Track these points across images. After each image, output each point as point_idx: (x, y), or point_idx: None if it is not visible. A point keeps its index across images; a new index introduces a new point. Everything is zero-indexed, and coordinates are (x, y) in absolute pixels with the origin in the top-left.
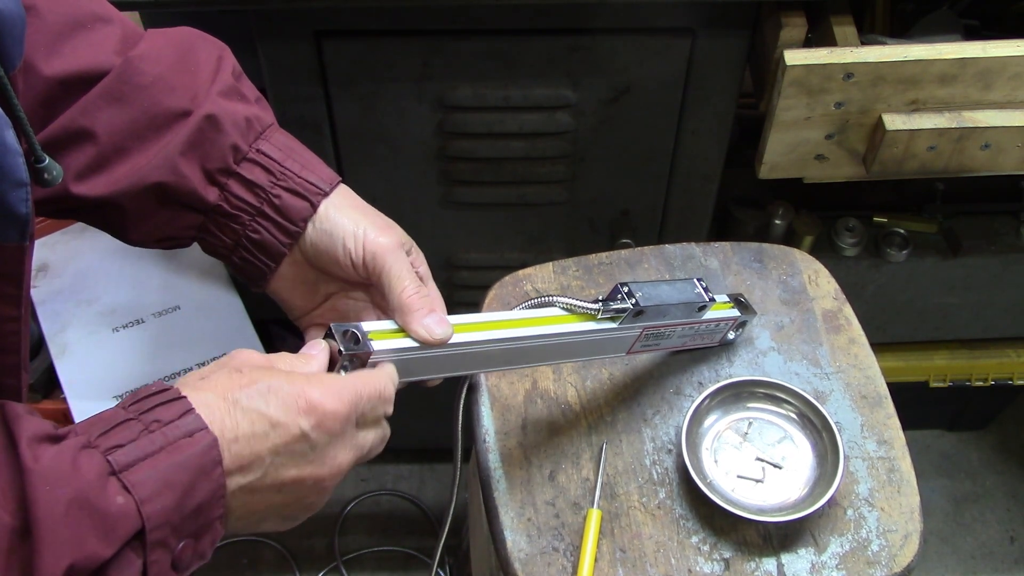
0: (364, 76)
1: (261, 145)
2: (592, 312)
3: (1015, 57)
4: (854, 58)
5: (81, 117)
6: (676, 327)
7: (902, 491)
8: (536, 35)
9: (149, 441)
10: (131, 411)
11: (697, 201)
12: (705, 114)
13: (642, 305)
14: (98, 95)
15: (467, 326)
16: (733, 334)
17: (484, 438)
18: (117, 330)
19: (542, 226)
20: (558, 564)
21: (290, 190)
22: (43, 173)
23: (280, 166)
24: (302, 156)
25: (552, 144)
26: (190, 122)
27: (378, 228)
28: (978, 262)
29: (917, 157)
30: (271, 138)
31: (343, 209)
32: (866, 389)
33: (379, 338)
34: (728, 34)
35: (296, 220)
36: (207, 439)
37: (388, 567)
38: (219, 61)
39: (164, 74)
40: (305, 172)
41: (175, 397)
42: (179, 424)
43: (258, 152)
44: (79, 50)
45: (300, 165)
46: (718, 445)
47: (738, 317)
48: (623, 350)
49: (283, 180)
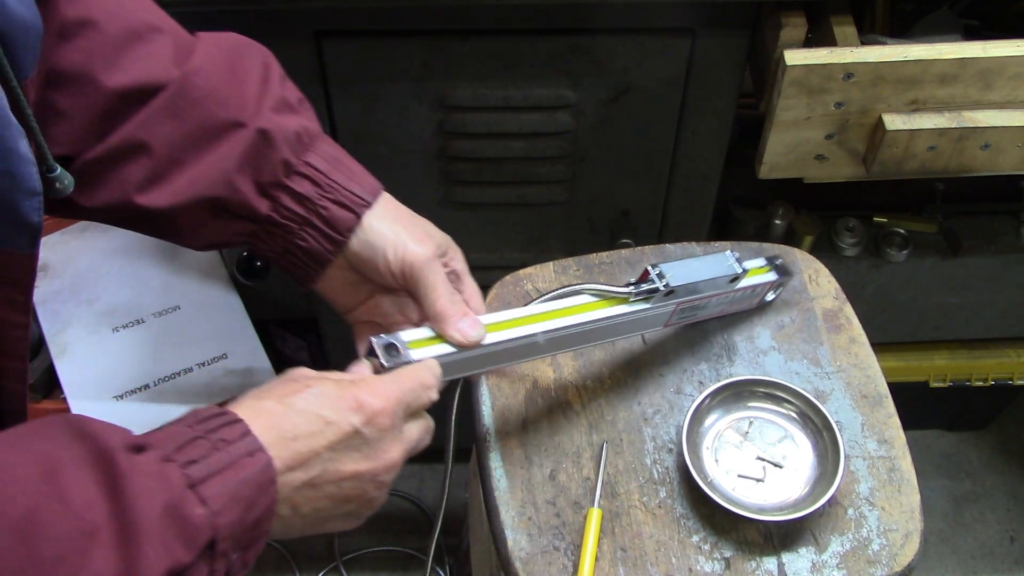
0: (364, 76)
1: (309, 157)
2: (624, 296)
3: (1015, 57)
4: (854, 58)
5: (139, 131)
6: (711, 298)
7: (902, 490)
8: (536, 35)
9: (218, 458)
10: (198, 430)
11: (697, 201)
12: (705, 114)
13: (673, 286)
14: (157, 110)
15: (504, 323)
16: (772, 295)
17: (484, 437)
18: (117, 330)
19: (542, 226)
20: (559, 563)
21: (336, 202)
22: (55, 183)
23: (327, 178)
24: (347, 166)
25: (552, 144)
26: (244, 137)
27: (416, 239)
28: (978, 262)
29: (917, 157)
30: (318, 149)
31: (384, 220)
32: (866, 388)
33: (418, 346)
34: (728, 34)
35: (341, 230)
36: (265, 459)
37: (388, 567)
38: (266, 70)
39: (217, 87)
40: (351, 184)
41: (235, 420)
42: (241, 444)
43: (306, 165)
44: (137, 63)
45: (346, 176)
46: (719, 444)
47: (775, 280)
48: (660, 324)
49: (330, 192)
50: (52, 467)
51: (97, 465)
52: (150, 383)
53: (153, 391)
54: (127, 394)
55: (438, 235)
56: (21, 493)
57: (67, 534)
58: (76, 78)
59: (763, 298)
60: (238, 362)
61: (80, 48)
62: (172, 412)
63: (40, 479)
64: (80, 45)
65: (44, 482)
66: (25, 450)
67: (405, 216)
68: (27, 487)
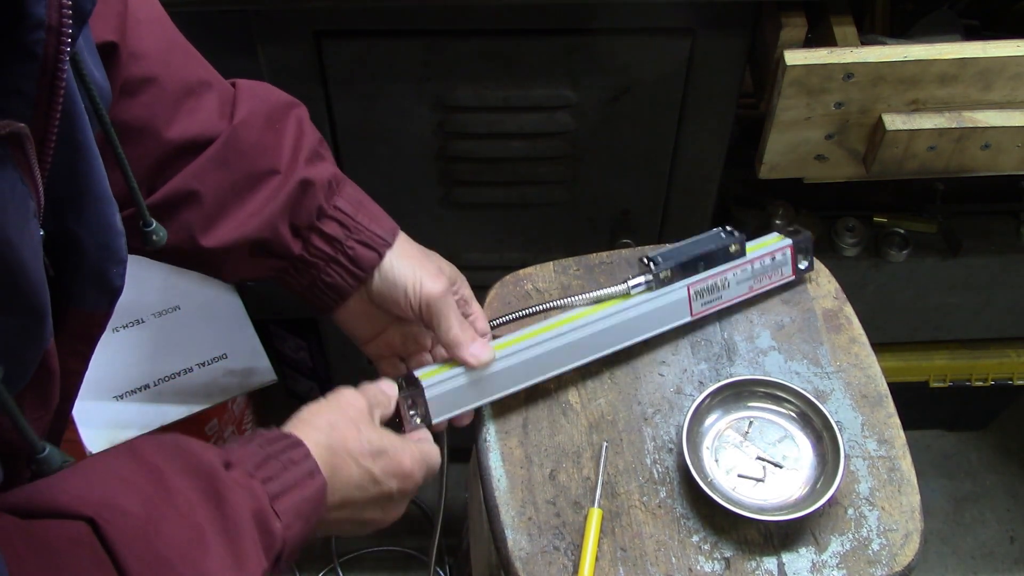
0: (364, 76)
1: (338, 202)
2: (622, 292)
3: (1015, 57)
4: (854, 58)
5: (192, 180)
6: (725, 275)
7: (902, 490)
8: (536, 35)
9: (288, 477)
10: (270, 451)
11: (697, 201)
12: (705, 114)
13: (664, 265)
14: (208, 160)
15: (516, 340)
16: (804, 263)
17: (485, 437)
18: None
19: (542, 226)
20: (559, 563)
21: (361, 242)
22: (151, 235)
23: (353, 220)
24: (369, 208)
25: (552, 144)
26: (287, 186)
27: (432, 276)
28: (978, 262)
29: (917, 157)
30: (344, 193)
31: (403, 259)
32: (867, 388)
33: (434, 374)
34: (728, 34)
35: (365, 268)
36: (322, 480)
37: (387, 567)
38: (299, 123)
39: (259, 139)
40: (373, 225)
41: (298, 443)
42: (304, 465)
43: (335, 208)
44: (191, 116)
45: (369, 218)
46: (719, 444)
47: (793, 243)
48: (685, 315)
49: (356, 233)
50: (160, 476)
51: (198, 476)
52: (150, 383)
53: (153, 391)
54: (127, 394)
55: (448, 269)
56: (140, 500)
57: (181, 538)
58: (140, 132)
59: (796, 267)
60: (238, 362)
61: (144, 104)
62: (172, 412)
63: (152, 486)
64: (143, 101)
65: (156, 489)
66: (137, 461)
67: (419, 254)
68: (144, 493)
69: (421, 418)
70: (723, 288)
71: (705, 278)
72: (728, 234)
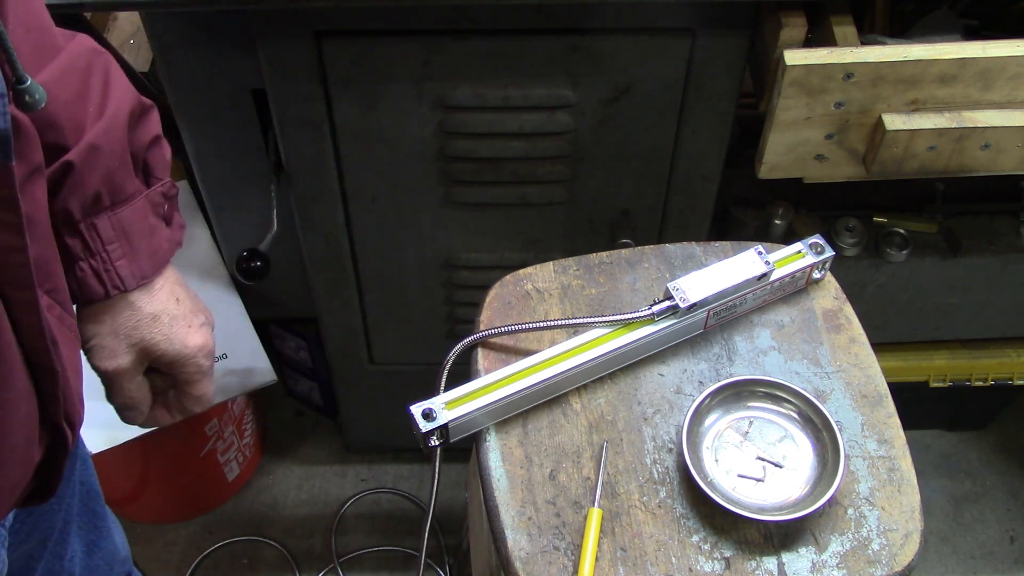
0: (364, 76)
1: (98, 221)
2: (647, 318)
3: (1015, 57)
4: (854, 58)
5: None
6: (745, 295)
7: (902, 490)
8: (536, 35)
9: None
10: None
11: (697, 201)
12: (705, 114)
13: (692, 301)
14: None
15: (533, 368)
16: (819, 273)
17: (484, 437)
18: None
19: (542, 226)
20: (559, 563)
21: (96, 272)
22: (24, 95)
23: (103, 247)
24: (135, 242)
25: (552, 144)
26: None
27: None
28: (978, 262)
29: (917, 157)
30: (120, 216)
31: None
32: (866, 388)
33: (455, 406)
34: (728, 34)
35: (89, 296)
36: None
37: (388, 567)
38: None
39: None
40: (122, 261)
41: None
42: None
43: (91, 227)
44: None
45: (124, 252)
46: (719, 444)
47: (815, 263)
48: (699, 329)
49: (95, 260)
50: None
51: None
52: None
53: None
54: None
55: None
56: None
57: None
58: None
59: (810, 279)
60: (238, 362)
61: None
62: None
63: None
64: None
65: None
66: None
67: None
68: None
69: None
70: (740, 305)
71: (727, 301)
72: (762, 259)
